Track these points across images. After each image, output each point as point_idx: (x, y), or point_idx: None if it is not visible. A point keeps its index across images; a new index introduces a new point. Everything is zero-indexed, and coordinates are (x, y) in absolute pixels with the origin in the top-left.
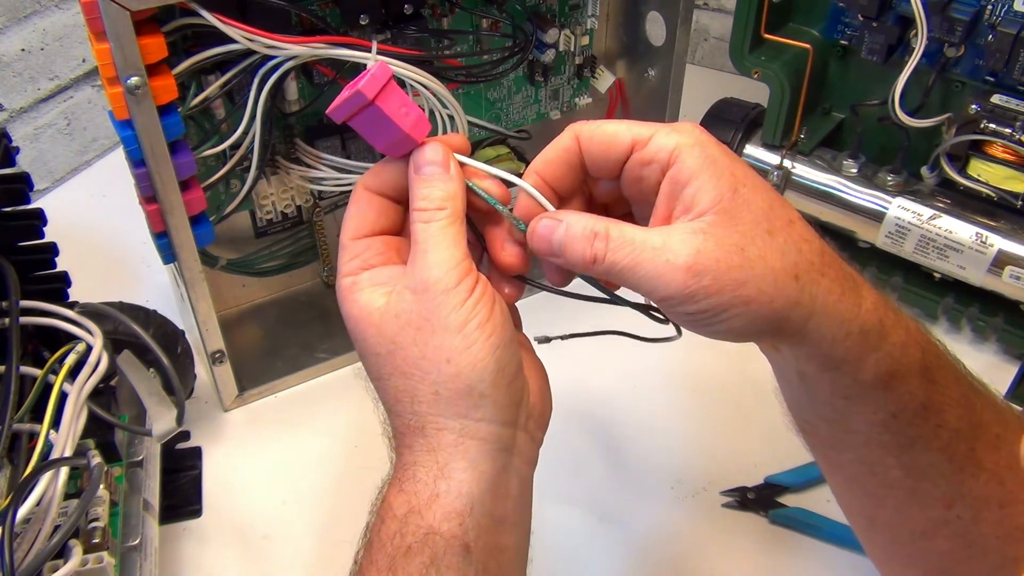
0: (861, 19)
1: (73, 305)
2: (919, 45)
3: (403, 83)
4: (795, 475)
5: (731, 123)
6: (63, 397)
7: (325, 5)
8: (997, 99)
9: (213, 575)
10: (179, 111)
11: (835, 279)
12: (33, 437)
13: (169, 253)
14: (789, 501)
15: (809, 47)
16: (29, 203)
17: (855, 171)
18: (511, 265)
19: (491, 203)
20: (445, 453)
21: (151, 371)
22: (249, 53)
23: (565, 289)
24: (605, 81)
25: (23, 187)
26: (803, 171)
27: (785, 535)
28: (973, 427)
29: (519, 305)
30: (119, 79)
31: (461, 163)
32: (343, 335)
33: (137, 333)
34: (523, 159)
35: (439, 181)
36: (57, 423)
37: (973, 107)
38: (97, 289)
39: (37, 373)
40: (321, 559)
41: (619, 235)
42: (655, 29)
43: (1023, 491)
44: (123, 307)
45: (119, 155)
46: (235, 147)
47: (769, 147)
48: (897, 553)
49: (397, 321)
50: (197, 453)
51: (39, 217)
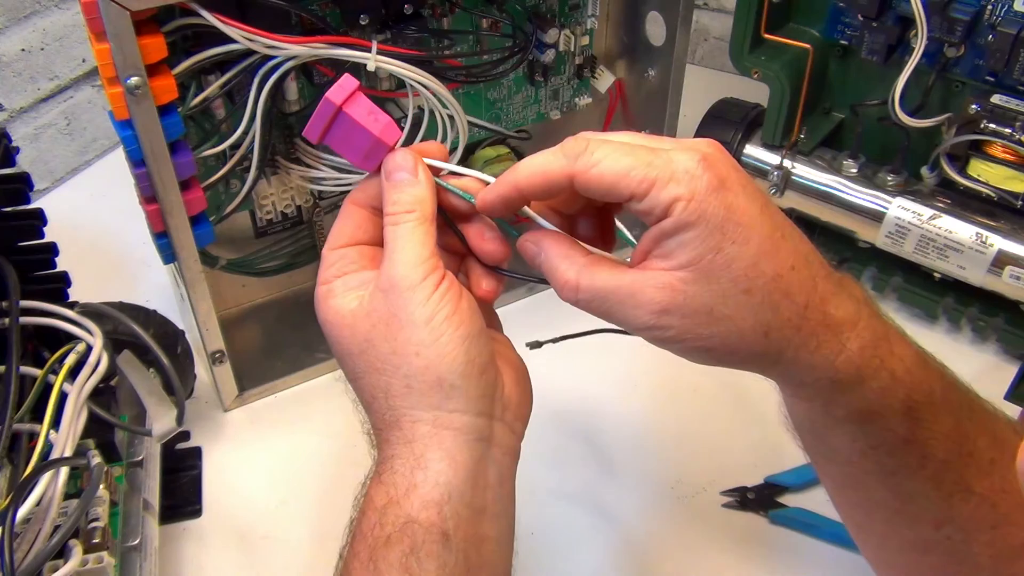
0: (861, 19)
1: (73, 305)
2: (919, 45)
3: (403, 83)
4: (795, 475)
5: (731, 123)
6: (63, 397)
7: (325, 5)
8: (997, 99)
9: (213, 575)
10: (179, 111)
11: (811, 333)
12: (33, 437)
13: (169, 253)
14: (789, 501)
15: (809, 47)
16: (29, 203)
17: (855, 171)
18: (492, 253)
19: (464, 197)
20: (421, 444)
21: (151, 371)
22: (249, 53)
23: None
24: (605, 81)
25: (23, 187)
26: (803, 171)
27: (785, 535)
28: (963, 455)
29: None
30: (119, 79)
31: (434, 167)
32: None
33: (137, 333)
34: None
35: (407, 186)
36: (57, 423)
37: (973, 107)
38: (97, 289)
39: (37, 373)
40: (321, 559)
41: (589, 286)
42: (655, 29)
43: (1017, 512)
44: (123, 307)
45: (119, 155)
46: (235, 147)
47: (769, 147)
48: (889, 562)
49: (368, 319)
50: (197, 453)
51: (39, 217)
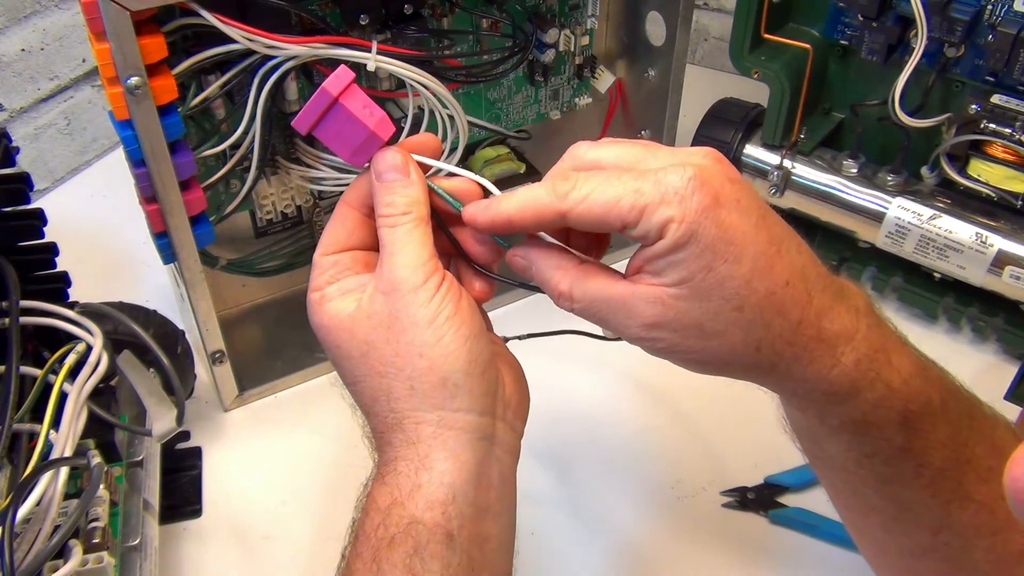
0: (861, 19)
1: (73, 305)
2: (919, 45)
3: (403, 83)
4: (795, 475)
5: (731, 123)
6: (63, 397)
7: (325, 5)
8: (997, 99)
9: (213, 575)
10: (179, 111)
11: (805, 347)
12: (33, 437)
13: (169, 253)
14: (789, 501)
15: (809, 47)
16: (29, 203)
17: (855, 171)
18: (483, 255)
19: (453, 205)
20: (425, 445)
21: (151, 371)
22: (249, 53)
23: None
24: (605, 81)
25: (23, 187)
26: (803, 171)
27: (785, 535)
28: (961, 463)
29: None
30: (119, 79)
31: (424, 164)
32: None
33: (137, 333)
34: (523, 159)
35: (400, 187)
36: (57, 423)
37: (973, 107)
38: (97, 289)
39: (37, 373)
40: (321, 559)
41: (582, 295)
42: (655, 29)
43: (1015, 519)
44: (123, 307)
45: (119, 155)
46: (235, 147)
47: (769, 147)
48: (888, 566)
49: (369, 322)
50: (197, 453)
51: (39, 217)
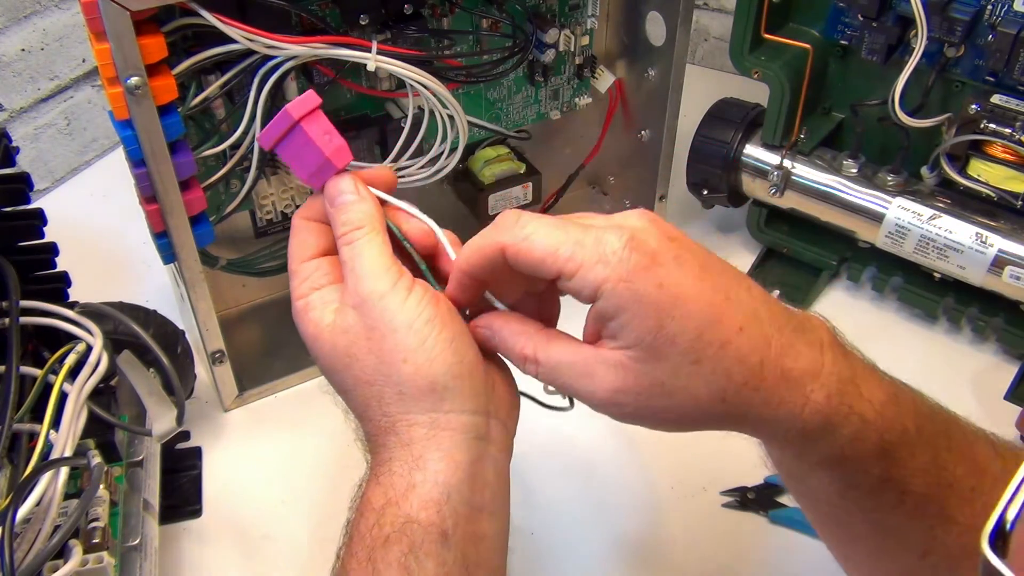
0: (861, 19)
1: (73, 305)
2: (919, 45)
3: (403, 83)
4: None
5: (731, 123)
6: (63, 397)
7: (325, 5)
8: (997, 99)
9: (213, 575)
10: (179, 111)
11: (771, 391)
12: (33, 437)
13: (169, 253)
14: (789, 501)
15: (809, 47)
16: (29, 203)
17: (855, 171)
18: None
19: (413, 256)
20: (419, 446)
21: (151, 371)
22: (249, 53)
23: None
24: (605, 81)
25: (23, 187)
26: (803, 171)
27: (785, 535)
28: (943, 487)
29: None
30: (119, 79)
31: (384, 201)
32: None
33: (137, 333)
34: (523, 159)
35: (352, 204)
36: (57, 423)
37: (973, 107)
38: (97, 289)
39: (37, 373)
40: (321, 559)
41: (546, 359)
42: (655, 29)
43: None
44: (123, 307)
45: (119, 155)
46: (235, 147)
47: (769, 147)
48: None
49: (347, 336)
50: (197, 453)
51: (39, 217)
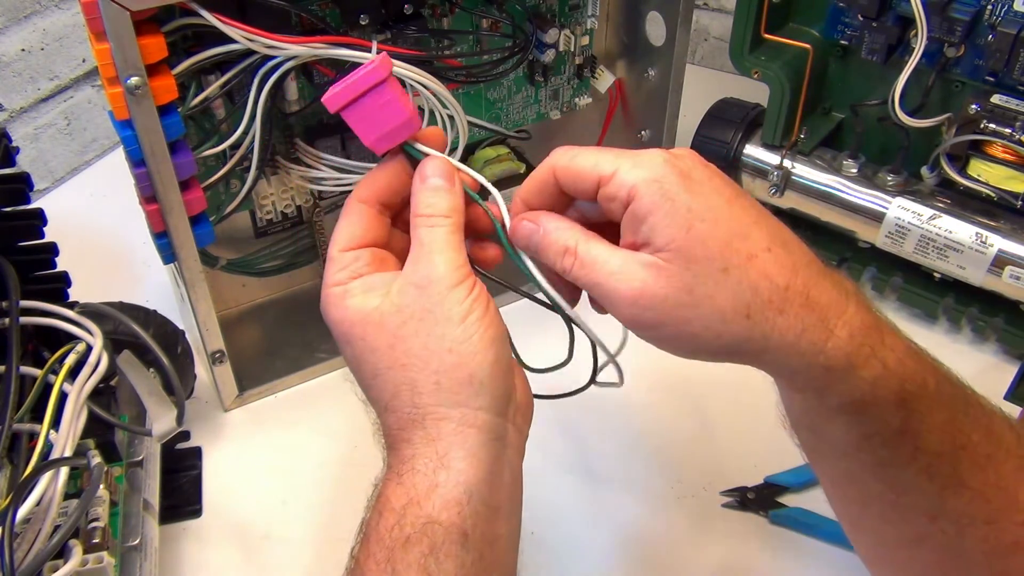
0: (861, 19)
1: (73, 305)
2: (919, 45)
3: (403, 83)
4: (795, 475)
5: (731, 123)
6: (63, 397)
7: (325, 5)
8: (997, 99)
9: (213, 575)
10: (179, 111)
11: (796, 316)
12: (33, 437)
13: (169, 253)
14: (789, 501)
15: (809, 47)
16: (29, 203)
17: (855, 171)
18: (484, 260)
19: (491, 216)
20: (445, 443)
21: (151, 371)
22: (249, 53)
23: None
24: (605, 81)
25: (23, 187)
26: (803, 171)
27: (785, 535)
28: (957, 449)
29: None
30: (119, 79)
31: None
32: None
33: (137, 333)
34: (523, 159)
35: (444, 192)
36: (57, 423)
37: (973, 107)
38: (97, 289)
39: (37, 373)
40: (321, 558)
41: (585, 253)
42: (655, 29)
43: (1011, 509)
44: (123, 307)
45: (119, 155)
46: (235, 147)
47: (769, 147)
48: (884, 558)
49: (400, 315)
50: (197, 453)
51: (39, 217)
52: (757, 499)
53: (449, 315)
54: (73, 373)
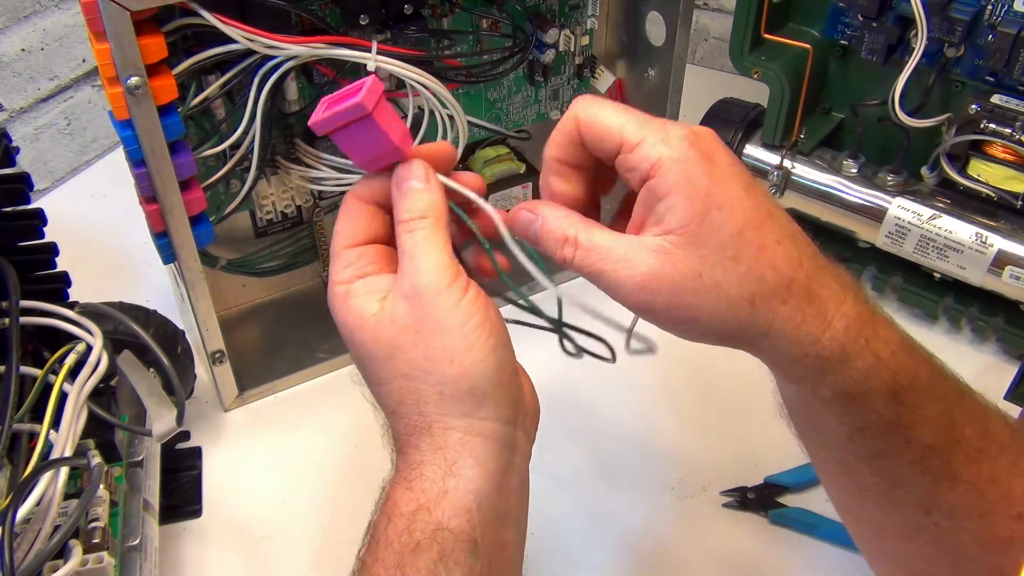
0: (861, 19)
1: (73, 305)
2: (919, 45)
3: (403, 83)
4: (795, 475)
5: (731, 123)
6: (63, 397)
7: (325, 5)
8: (997, 99)
9: (213, 575)
10: (179, 111)
11: (797, 307)
12: (33, 437)
13: (169, 253)
14: (789, 501)
15: (809, 47)
16: (29, 203)
17: (855, 171)
18: (487, 270)
19: (478, 237)
20: (453, 451)
21: (151, 371)
22: (249, 53)
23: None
24: (605, 81)
25: (23, 187)
26: (803, 171)
27: (785, 535)
28: (950, 442)
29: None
30: (119, 79)
31: (447, 188)
32: None
33: (137, 333)
34: (523, 159)
35: (419, 193)
36: (57, 423)
37: (973, 107)
38: (97, 289)
39: (37, 373)
40: (322, 559)
41: (587, 242)
42: (655, 29)
43: (1004, 503)
44: (123, 307)
45: (119, 155)
46: (235, 147)
47: (769, 147)
48: (881, 551)
49: (394, 326)
50: (197, 453)
51: (39, 217)
52: (757, 499)
53: (444, 323)
54: (73, 373)
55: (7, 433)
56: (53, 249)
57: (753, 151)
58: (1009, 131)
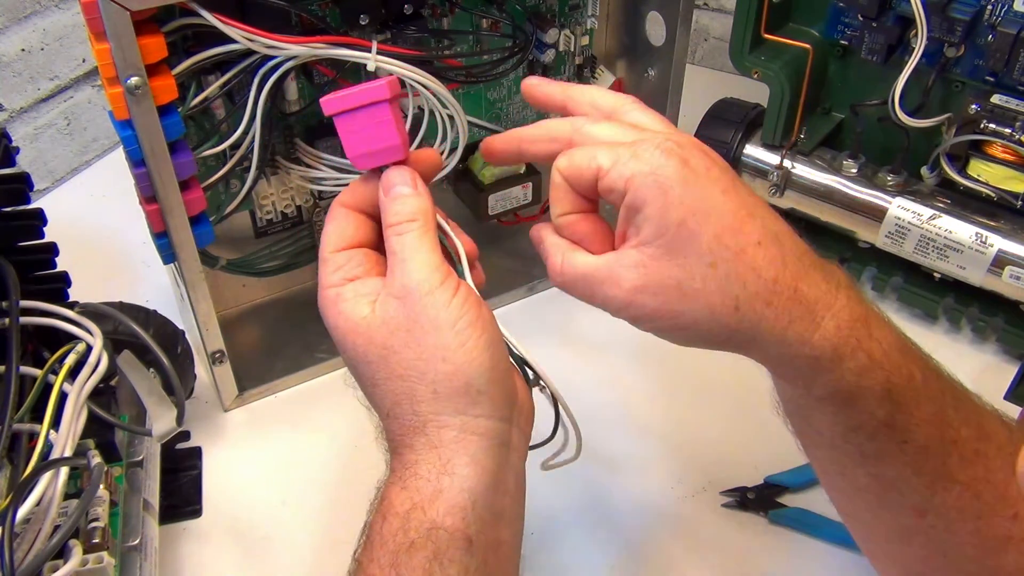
0: (861, 19)
1: (73, 305)
2: (919, 45)
3: (403, 83)
4: (795, 475)
5: (731, 123)
6: (63, 397)
7: (325, 5)
8: (997, 99)
9: (213, 575)
10: (179, 111)
11: (783, 308)
12: (33, 437)
13: (169, 253)
14: (789, 501)
15: (809, 47)
16: (29, 203)
17: (855, 171)
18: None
19: (455, 258)
20: (448, 449)
21: (151, 371)
22: (249, 53)
23: None
24: (605, 81)
25: (23, 187)
26: (803, 171)
27: (785, 535)
28: (945, 443)
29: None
30: (119, 79)
31: None
32: None
33: (137, 333)
34: None
35: (408, 198)
36: (57, 423)
37: (973, 107)
38: (97, 289)
39: (37, 373)
40: (321, 559)
41: (571, 268)
42: (655, 29)
43: (1001, 504)
44: (123, 307)
45: (119, 155)
46: (235, 147)
47: (769, 147)
48: (878, 550)
49: (386, 327)
50: (197, 453)
51: (39, 217)
52: (757, 499)
53: (436, 322)
54: (73, 373)
55: (7, 433)
56: (53, 249)
57: (753, 151)
58: (1009, 131)
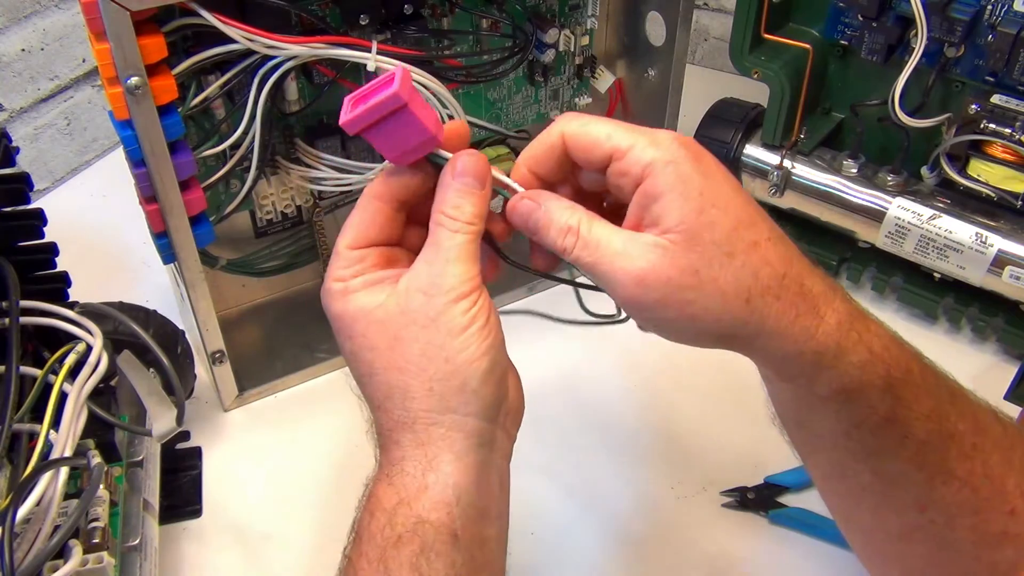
0: (861, 19)
1: (73, 305)
2: (919, 45)
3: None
4: (795, 475)
5: (731, 123)
6: (63, 397)
7: (325, 5)
8: (997, 99)
9: (213, 575)
10: (179, 111)
11: (791, 302)
12: (33, 437)
13: (169, 253)
14: (789, 501)
15: (809, 47)
16: (29, 203)
17: (855, 171)
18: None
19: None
20: (434, 447)
21: (151, 371)
22: (249, 53)
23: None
24: (605, 81)
25: (23, 187)
26: (803, 171)
27: (785, 535)
28: (944, 438)
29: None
30: (119, 79)
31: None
32: None
33: (137, 333)
34: None
35: (475, 198)
36: (57, 423)
37: (973, 107)
38: (97, 289)
39: (37, 373)
40: (321, 559)
41: (587, 232)
42: (655, 29)
43: (998, 499)
44: (123, 307)
45: (119, 155)
46: (235, 147)
47: (769, 147)
48: (876, 552)
49: (403, 317)
50: (197, 453)
51: (39, 217)
52: (757, 499)
53: (451, 327)
54: (73, 373)
55: (7, 433)
56: (53, 249)
57: (753, 151)
58: (1009, 131)
